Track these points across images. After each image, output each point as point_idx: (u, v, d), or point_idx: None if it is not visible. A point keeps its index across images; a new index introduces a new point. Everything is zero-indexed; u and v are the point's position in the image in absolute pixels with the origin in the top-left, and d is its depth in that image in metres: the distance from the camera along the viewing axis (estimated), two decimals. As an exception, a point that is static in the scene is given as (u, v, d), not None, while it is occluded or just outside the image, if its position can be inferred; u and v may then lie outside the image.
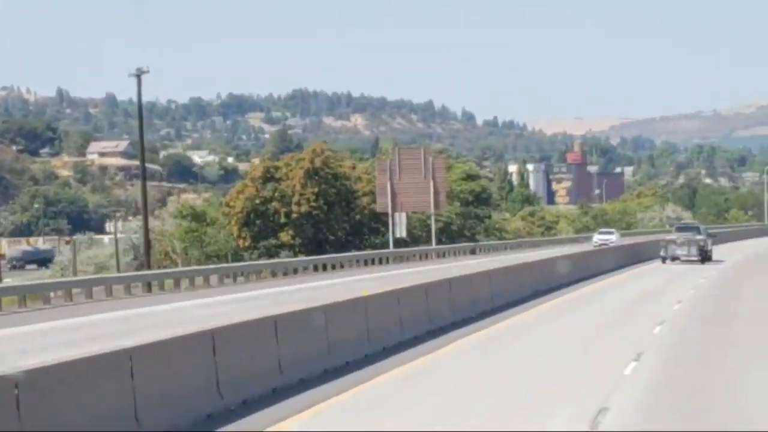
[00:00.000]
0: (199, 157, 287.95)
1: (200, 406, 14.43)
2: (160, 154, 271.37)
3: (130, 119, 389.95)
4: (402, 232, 73.66)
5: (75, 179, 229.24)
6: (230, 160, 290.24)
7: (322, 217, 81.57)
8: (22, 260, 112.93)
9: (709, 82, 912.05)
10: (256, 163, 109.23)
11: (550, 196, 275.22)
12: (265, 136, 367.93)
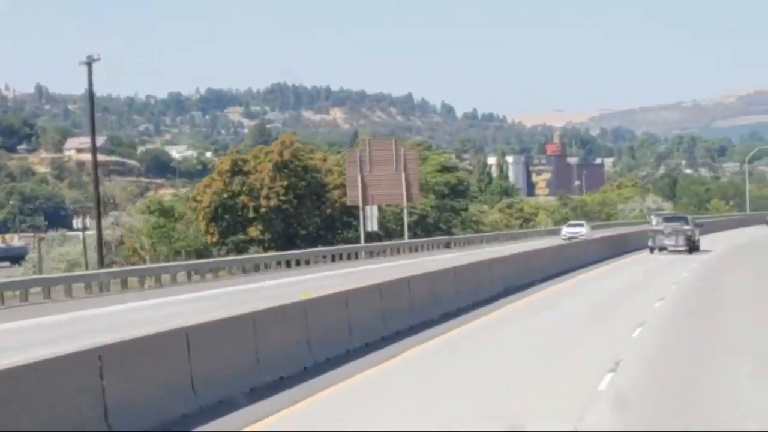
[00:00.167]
0: (177, 152, 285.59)
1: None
2: (138, 150, 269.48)
3: (109, 115, 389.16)
4: (373, 226, 71.11)
5: (52, 175, 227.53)
6: (209, 155, 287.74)
7: (292, 211, 79.13)
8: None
9: (689, 73, 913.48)
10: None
11: (530, 188, 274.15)
12: (244, 130, 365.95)
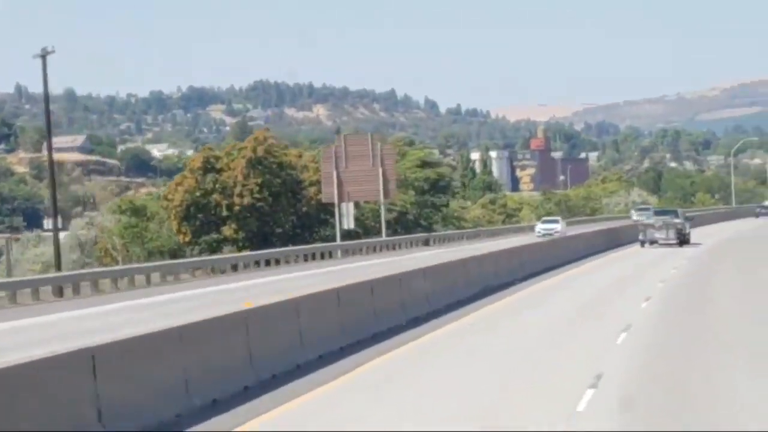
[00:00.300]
0: (158, 151, 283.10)
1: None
2: (118, 149, 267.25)
3: (90, 114, 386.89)
4: (350, 224, 68.78)
5: (31, 175, 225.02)
6: (190, 153, 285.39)
7: (267, 209, 76.86)
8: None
9: (672, 67, 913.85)
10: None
11: (515, 183, 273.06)
12: (227, 128, 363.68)
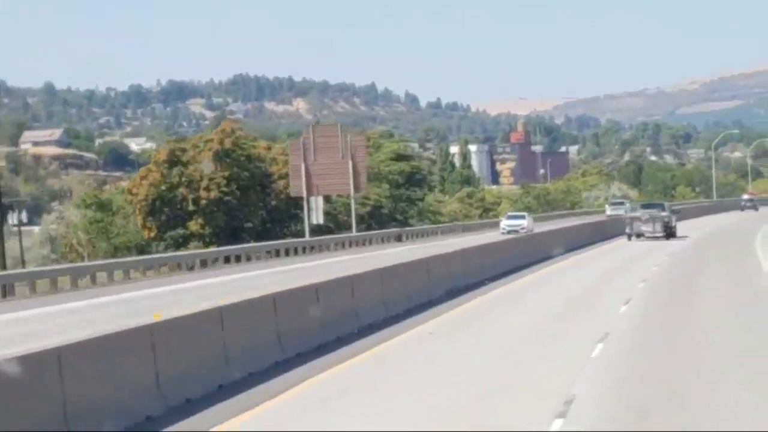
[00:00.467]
0: (136, 145, 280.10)
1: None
2: (96, 142, 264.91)
3: (69, 108, 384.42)
4: (319, 219, 66.18)
5: (8, 169, 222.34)
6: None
7: (235, 203, 74.22)
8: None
9: (653, 60, 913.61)
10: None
11: (495, 177, 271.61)
12: (206, 122, 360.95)
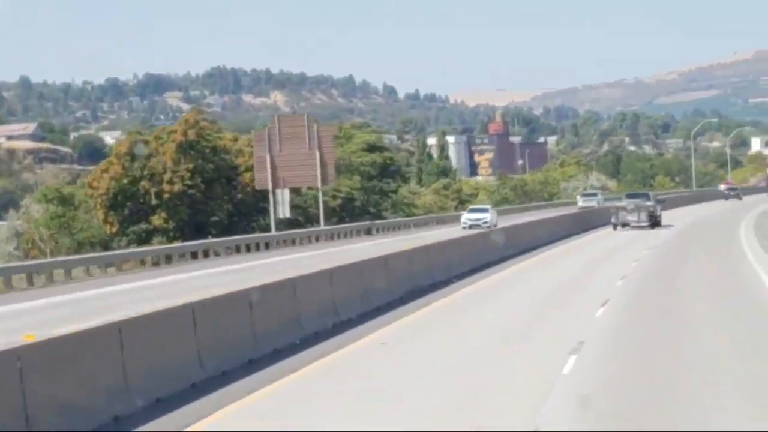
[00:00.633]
0: (111, 138, 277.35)
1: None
2: (71, 136, 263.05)
3: (45, 102, 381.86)
4: (285, 212, 63.56)
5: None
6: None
7: (200, 196, 71.47)
8: None
9: (630, 51, 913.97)
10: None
11: (473, 168, 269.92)
12: (183, 115, 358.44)
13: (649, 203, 58.72)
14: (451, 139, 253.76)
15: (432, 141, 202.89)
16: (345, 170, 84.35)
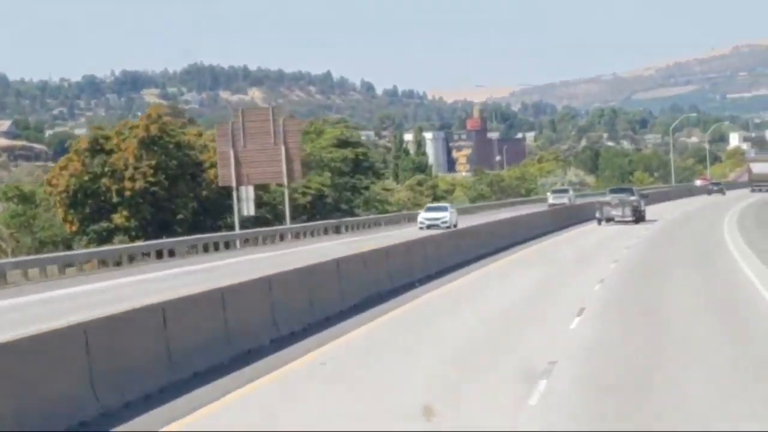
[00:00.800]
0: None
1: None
2: (46, 133, 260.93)
3: (22, 99, 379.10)
4: (250, 210, 60.96)
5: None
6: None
7: (164, 194, 68.84)
8: None
9: (608, 46, 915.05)
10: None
11: (451, 164, 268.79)
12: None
13: (633, 198, 59.43)
14: (428, 135, 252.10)
15: (409, 137, 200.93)
16: (315, 166, 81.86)
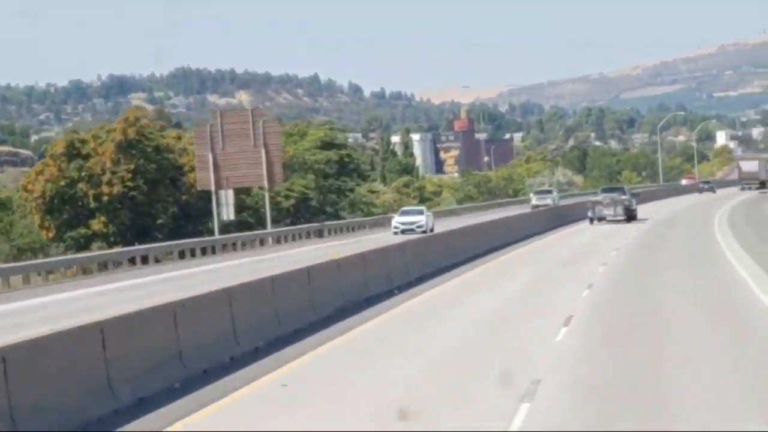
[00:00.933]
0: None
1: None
2: (32, 138, 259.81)
3: (8, 105, 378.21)
4: (230, 214, 59.47)
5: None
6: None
7: (142, 198, 67.34)
8: None
9: (595, 46, 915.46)
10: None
11: (439, 166, 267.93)
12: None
13: (625, 197, 59.82)
14: (416, 137, 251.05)
15: (396, 139, 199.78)
16: (298, 169, 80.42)
